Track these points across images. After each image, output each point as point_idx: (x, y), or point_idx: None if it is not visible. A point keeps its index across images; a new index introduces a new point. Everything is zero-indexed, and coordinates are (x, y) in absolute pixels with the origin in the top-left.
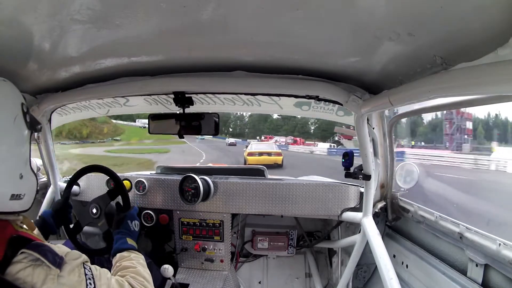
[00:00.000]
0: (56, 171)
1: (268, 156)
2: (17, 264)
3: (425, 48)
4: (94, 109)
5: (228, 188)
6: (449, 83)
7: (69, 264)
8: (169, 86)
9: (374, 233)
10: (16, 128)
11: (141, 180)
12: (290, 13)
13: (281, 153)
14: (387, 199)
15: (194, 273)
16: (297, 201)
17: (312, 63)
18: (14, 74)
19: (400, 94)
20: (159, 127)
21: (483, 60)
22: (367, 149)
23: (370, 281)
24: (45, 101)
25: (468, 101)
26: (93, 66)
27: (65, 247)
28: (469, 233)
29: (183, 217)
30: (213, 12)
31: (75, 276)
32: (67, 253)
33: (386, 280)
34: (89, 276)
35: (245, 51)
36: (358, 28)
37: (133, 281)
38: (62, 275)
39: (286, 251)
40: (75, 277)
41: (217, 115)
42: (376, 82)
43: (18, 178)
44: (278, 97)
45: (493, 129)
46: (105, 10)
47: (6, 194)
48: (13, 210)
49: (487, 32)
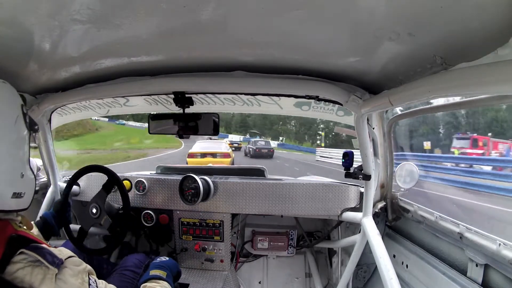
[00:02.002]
0: (56, 171)
1: (212, 158)
2: (16, 264)
3: (425, 48)
4: (94, 109)
5: (228, 188)
6: (449, 83)
7: (70, 269)
8: (169, 86)
9: (374, 233)
10: (17, 129)
11: (141, 180)
12: (290, 13)
13: (230, 154)
14: (387, 199)
15: (194, 273)
16: (297, 201)
17: (312, 63)
18: (14, 74)
19: (400, 94)
20: (159, 127)
21: (483, 60)
22: (367, 149)
23: (370, 281)
24: (45, 101)
25: (468, 102)
26: (93, 66)
27: (67, 250)
28: (469, 233)
29: (183, 217)
30: (213, 12)
31: (77, 280)
32: (68, 257)
33: (386, 280)
34: (93, 287)
35: (245, 51)
36: (358, 28)
37: None
38: (61, 277)
39: (286, 251)
40: (77, 282)
41: (217, 115)
42: (376, 82)
43: (20, 177)
44: (278, 97)
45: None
46: (105, 10)
47: (8, 192)
48: (13, 208)
49: (487, 32)
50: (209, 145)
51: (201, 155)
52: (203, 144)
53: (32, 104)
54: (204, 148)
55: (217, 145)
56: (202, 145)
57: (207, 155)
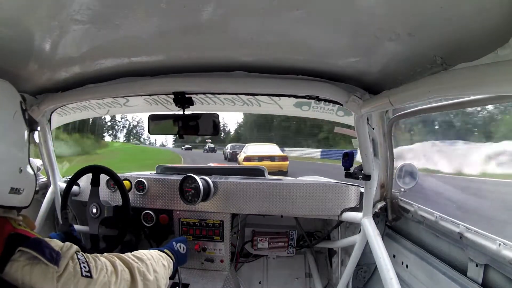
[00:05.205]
0: (56, 171)
1: (270, 162)
2: (14, 263)
3: (425, 48)
4: (94, 109)
5: (228, 188)
6: (449, 83)
7: (65, 258)
8: (169, 86)
9: (374, 233)
10: (15, 124)
11: (141, 180)
12: (290, 13)
13: (287, 157)
14: (387, 199)
15: (194, 273)
16: (297, 201)
17: (312, 63)
18: (14, 74)
19: (400, 94)
20: (159, 128)
21: (483, 60)
22: (367, 149)
23: (370, 281)
24: (45, 101)
25: (468, 102)
26: (93, 66)
27: (58, 241)
28: (469, 233)
29: (183, 217)
30: (213, 12)
31: (70, 267)
32: (61, 246)
33: (386, 280)
34: (82, 261)
35: (245, 51)
36: (358, 28)
37: (125, 257)
38: (61, 274)
39: (286, 251)
40: (70, 269)
41: (217, 116)
42: (376, 82)
43: (18, 172)
44: (278, 97)
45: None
46: (105, 10)
47: (5, 186)
48: (12, 204)
49: (487, 32)
50: (263, 149)
51: (259, 158)
52: (255, 148)
53: (32, 104)
54: (259, 151)
55: (270, 148)
56: (255, 148)
57: (265, 159)
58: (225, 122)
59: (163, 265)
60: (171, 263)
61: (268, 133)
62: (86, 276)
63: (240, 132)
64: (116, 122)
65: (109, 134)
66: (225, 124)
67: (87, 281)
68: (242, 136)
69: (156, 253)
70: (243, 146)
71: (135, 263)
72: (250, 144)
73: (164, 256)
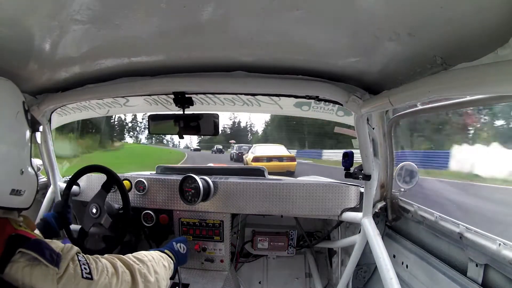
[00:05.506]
0: (56, 171)
1: (279, 162)
2: (15, 264)
3: (425, 48)
4: (94, 109)
5: (228, 188)
6: (449, 83)
7: (65, 259)
8: (169, 86)
9: (374, 233)
10: (17, 124)
11: (141, 180)
12: (290, 13)
13: (295, 157)
14: (387, 199)
15: (194, 273)
16: (297, 201)
17: (312, 63)
18: (14, 74)
19: (400, 94)
20: (159, 128)
21: (483, 60)
22: (367, 149)
23: (370, 281)
24: (45, 101)
25: (468, 102)
26: (93, 66)
27: (59, 242)
28: (469, 233)
29: (183, 217)
30: (213, 12)
31: (71, 268)
32: (62, 248)
33: (386, 280)
34: (83, 262)
35: (245, 51)
36: (358, 28)
37: (126, 258)
38: (61, 276)
39: (286, 251)
40: (71, 270)
41: (217, 116)
42: (376, 82)
43: (19, 173)
44: (278, 97)
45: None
46: (105, 10)
47: (6, 187)
48: (12, 206)
49: (487, 32)
50: (271, 149)
51: (267, 159)
52: (263, 149)
53: (32, 104)
54: (267, 152)
55: (278, 149)
56: (263, 149)
57: (273, 159)
58: (252, 123)
59: (163, 266)
60: (171, 263)
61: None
62: (87, 277)
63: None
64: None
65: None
66: (252, 124)
67: (88, 283)
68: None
69: (157, 254)
70: (249, 147)
71: (136, 264)
72: (258, 145)
73: (164, 256)
